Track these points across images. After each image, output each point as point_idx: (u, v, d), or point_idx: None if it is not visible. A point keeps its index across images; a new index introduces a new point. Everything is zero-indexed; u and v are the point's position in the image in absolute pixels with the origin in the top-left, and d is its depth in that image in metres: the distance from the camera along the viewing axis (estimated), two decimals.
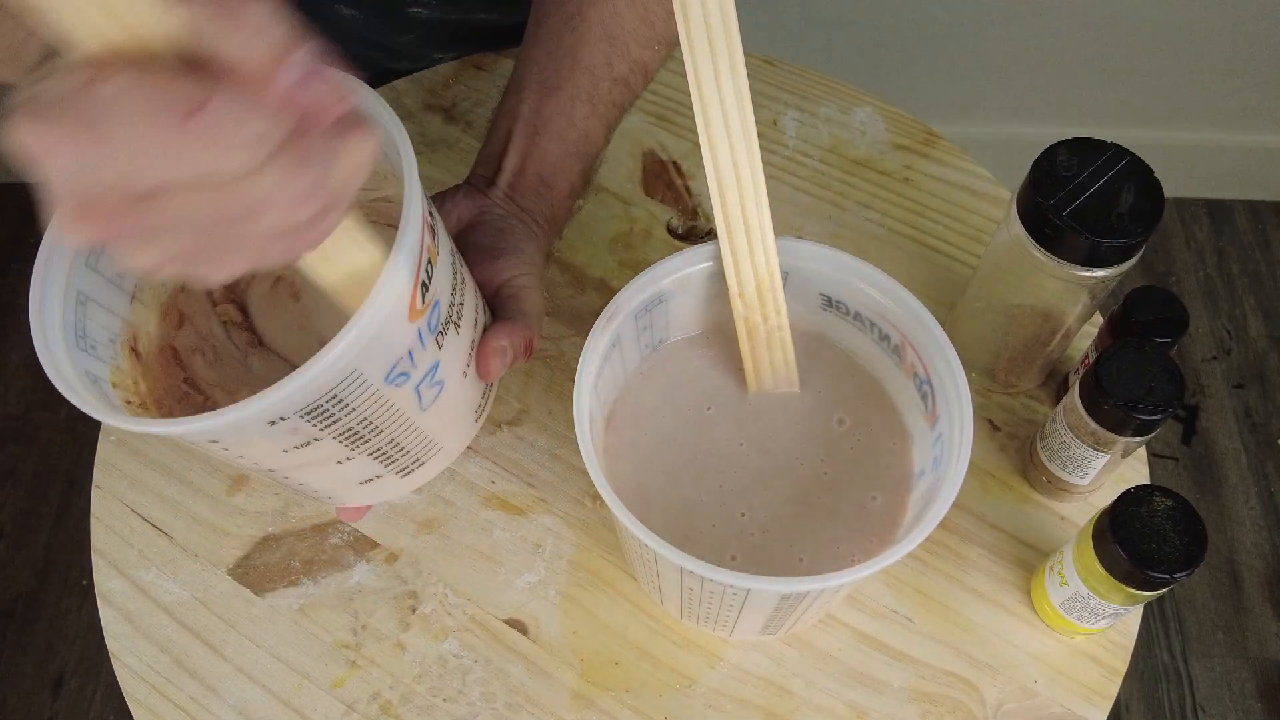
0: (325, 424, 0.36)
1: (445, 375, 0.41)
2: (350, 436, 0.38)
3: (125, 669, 0.52)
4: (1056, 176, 0.46)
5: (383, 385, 0.37)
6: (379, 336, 0.35)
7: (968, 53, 1.28)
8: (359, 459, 0.40)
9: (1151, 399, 0.46)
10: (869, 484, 0.46)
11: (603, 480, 0.39)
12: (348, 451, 0.39)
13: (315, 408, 0.35)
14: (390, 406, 0.38)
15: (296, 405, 0.34)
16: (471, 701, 0.51)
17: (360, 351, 0.34)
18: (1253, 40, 1.25)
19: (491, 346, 0.44)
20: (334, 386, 0.35)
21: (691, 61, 0.39)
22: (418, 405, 0.40)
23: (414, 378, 0.39)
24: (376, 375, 0.36)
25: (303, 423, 0.36)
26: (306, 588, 0.54)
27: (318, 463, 0.40)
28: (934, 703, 0.50)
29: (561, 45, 0.52)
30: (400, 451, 0.42)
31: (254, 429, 0.35)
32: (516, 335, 0.45)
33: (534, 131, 0.51)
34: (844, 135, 0.68)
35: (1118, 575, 0.45)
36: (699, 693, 0.51)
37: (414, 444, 0.42)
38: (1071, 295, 0.49)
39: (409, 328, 0.36)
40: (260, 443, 0.36)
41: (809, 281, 0.46)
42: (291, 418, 0.35)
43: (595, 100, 0.52)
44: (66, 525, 1.30)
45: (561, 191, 0.52)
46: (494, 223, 0.49)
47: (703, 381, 0.49)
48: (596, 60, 0.51)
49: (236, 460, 0.38)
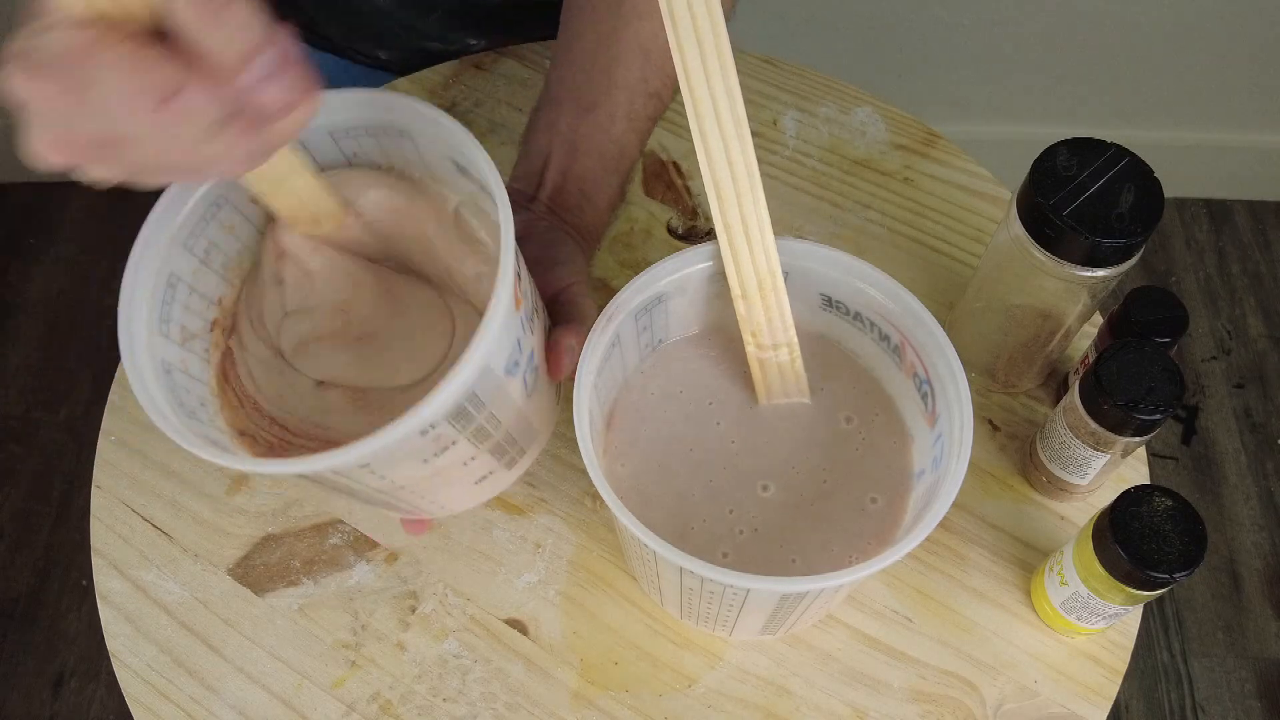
0: (463, 425, 0.38)
1: (539, 360, 0.43)
2: (479, 434, 0.39)
3: (125, 669, 0.52)
4: (1056, 176, 0.46)
5: (503, 376, 0.38)
6: (502, 328, 0.36)
7: (968, 53, 1.28)
8: (481, 456, 0.41)
9: (1151, 399, 0.46)
10: (869, 485, 0.46)
11: (603, 480, 0.39)
12: (474, 450, 0.40)
13: (458, 410, 0.36)
14: (508, 397, 0.40)
15: (447, 409, 0.35)
16: (471, 701, 0.51)
17: (492, 345, 0.35)
18: (1253, 40, 1.25)
19: (563, 345, 0.45)
20: (473, 383, 0.36)
21: (681, 63, 0.39)
22: (524, 392, 0.41)
23: (522, 365, 0.40)
24: (499, 367, 0.38)
25: (447, 427, 0.37)
26: (306, 588, 0.54)
27: (448, 468, 0.40)
28: (934, 703, 0.50)
29: (598, 63, 0.53)
30: (511, 443, 0.43)
31: (406, 443, 0.35)
32: (580, 335, 0.46)
33: (573, 149, 0.52)
34: (844, 135, 0.68)
35: (1118, 575, 0.45)
36: (699, 693, 0.51)
37: (521, 433, 0.44)
38: (1071, 295, 0.49)
39: (515, 316, 0.38)
40: (406, 458, 0.37)
41: (809, 281, 0.46)
42: (440, 423, 0.36)
43: (632, 116, 0.53)
44: (66, 525, 1.30)
45: (601, 205, 0.54)
46: (542, 235, 0.51)
47: (703, 381, 0.49)
48: (632, 77, 0.52)
49: (375, 484, 0.38)
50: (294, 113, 0.29)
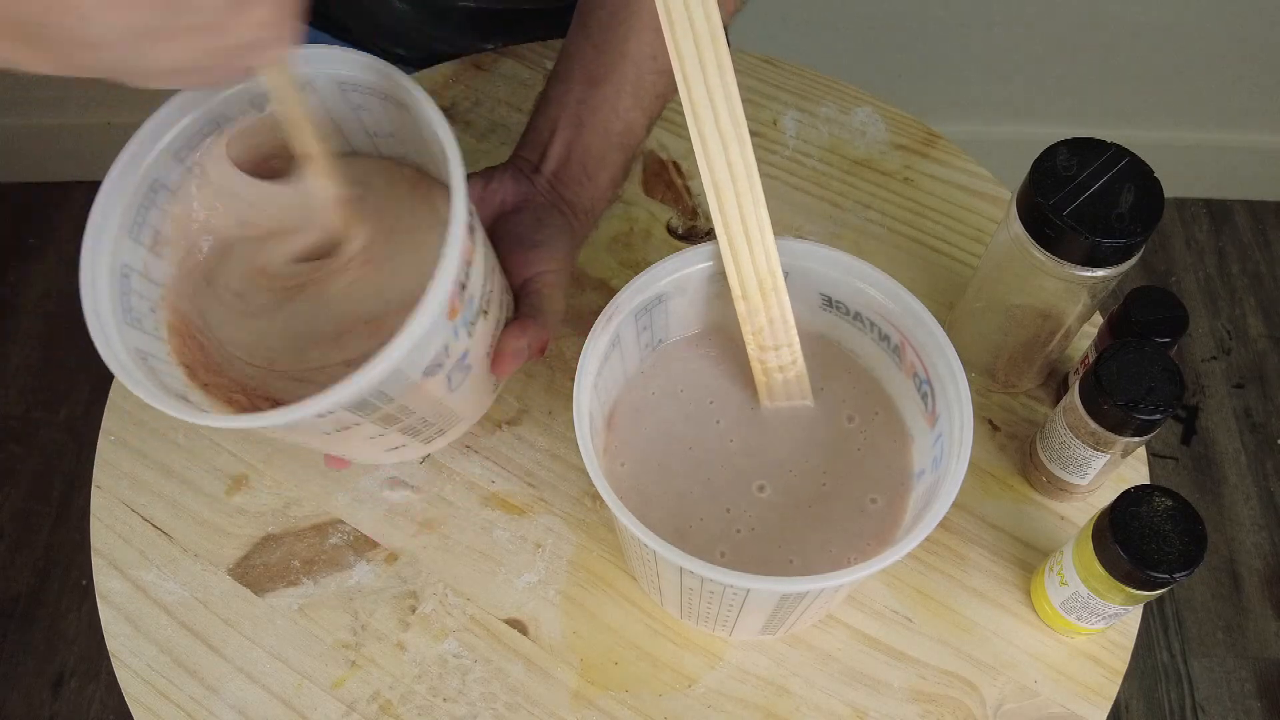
0: (366, 414, 0.39)
1: (473, 360, 0.43)
2: (386, 420, 0.40)
3: (125, 669, 0.52)
4: (1056, 176, 0.46)
5: (420, 378, 0.39)
6: (422, 339, 0.37)
7: (968, 53, 1.28)
8: (390, 434, 0.43)
9: (1151, 399, 0.46)
10: (869, 485, 0.46)
11: (603, 480, 0.39)
12: (381, 430, 0.42)
13: (360, 403, 0.37)
14: (424, 393, 0.40)
15: (344, 404, 0.37)
16: (471, 701, 0.51)
17: (403, 355, 0.36)
18: (1253, 40, 1.25)
19: (510, 347, 0.45)
20: (378, 384, 0.37)
21: (679, 64, 0.39)
22: (448, 389, 0.42)
23: (446, 367, 0.40)
24: (415, 372, 0.38)
25: (346, 414, 0.38)
26: (306, 588, 0.54)
27: (354, 439, 0.42)
28: (934, 703, 0.50)
29: (608, 39, 0.52)
30: (426, 425, 0.44)
31: (304, 421, 0.37)
32: (533, 334, 0.46)
33: (579, 123, 0.52)
34: (844, 135, 0.68)
35: (1118, 575, 0.45)
36: (699, 693, 0.51)
37: (439, 419, 0.44)
38: (1071, 295, 0.49)
39: (447, 325, 0.38)
40: (305, 430, 0.39)
41: (809, 281, 0.46)
42: (338, 412, 0.37)
43: (640, 93, 0.52)
44: (66, 525, 1.30)
45: (603, 183, 0.53)
46: (534, 212, 0.51)
47: (703, 381, 0.49)
48: (643, 53, 0.52)
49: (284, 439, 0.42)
50: None
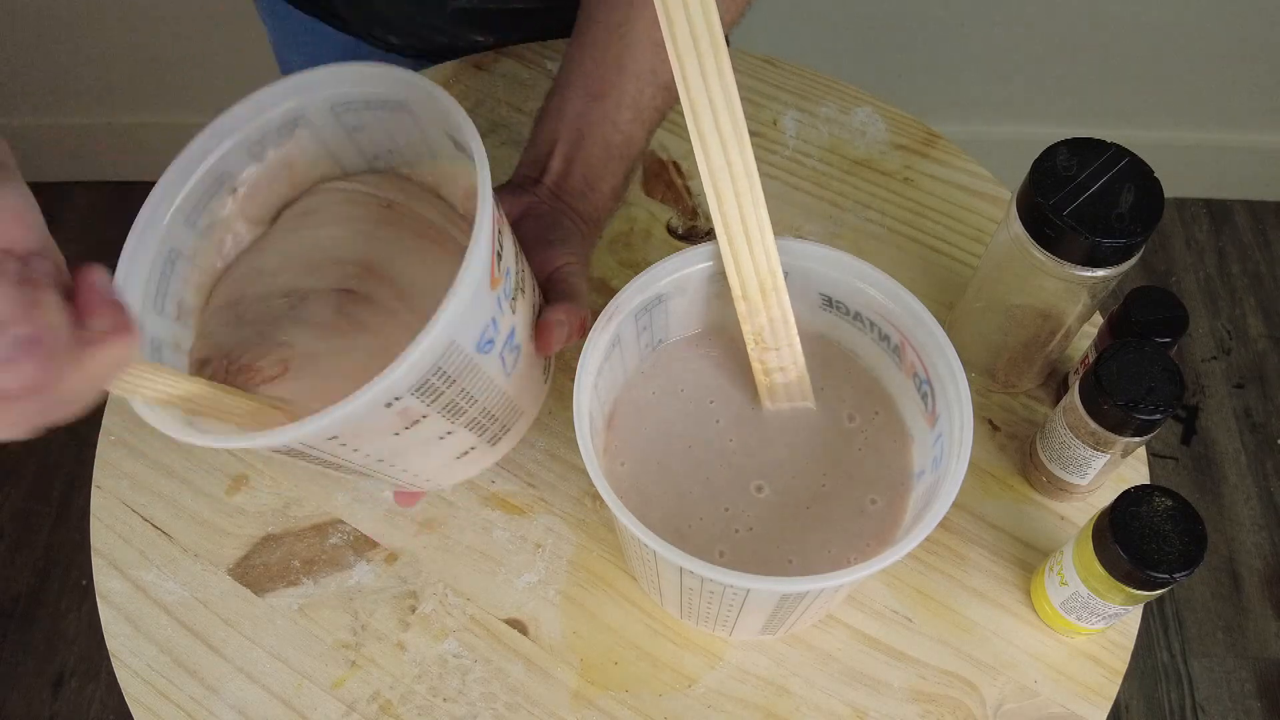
0: (431, 399, 0.38)
1: (520, 339, 0.43)
2: (451, 410, 0.40)
3: (125, 669, 0.52)
4: (1056, 176, 0.46)
5: (474, 353, 0.39)
6: (470, 306, 0.36)
7: (968, 53, 1.28)
8: (458, 431, 0.42)
9: (1151, 399, 0.46)
10: (869, 486, 0.46)
11: (603, 480, 0.39)
12: (449, 425, 0.41)
13: (424, 384, 0.37)
14: (482, 374, 0.40)
15: (410, 383, 0.36)
16: (471, 701, 0.51)
17: (457, 321, 0.36)
18: (1253, 40, 1.25)
19: (552, 320, 0.45)
20: (438, 359, 0.36)
21: (678, 64, 0.39)
22: (503, 371, 0.42)
23: (498, 344, 0.40)
24: (469, 344, 0.38)
25: (414, 400, 0.37)
26: (306, 588, 0.54)
27: (423, 442, 0.41)
28: (934, 703, 0.50)
29: (609, 52, 0.53)
30: (491, 420, 0.44)
31: (372, 415, 0.36)
32: (573, 313, 0.46)
33: (579, 136, 0.53)
34: (844, 135, 0.68)
35: (1118, 575, 0.45)
36: (699, 693, 0.51)
37: (501, 410, 0.44)
38: (1071, 295, 0.49)
39: (491, 295, 0.38)
40: (375, 429, 0.38)
41: (809, 281, 0.46)
42: (405, 396, 0.36)
43: (639, 106, 0.53)
44: (66, 525, 1.30)
45: (604, 193, 0.54)
46: (543, 216, 0.51)
47: (704, 380, 0.49)
48: (642, 67, 0.52)
49: (350, 457, 0.39)
50: (97, 354, 0.28)
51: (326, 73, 0.41)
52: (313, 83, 0.41)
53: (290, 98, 0.42)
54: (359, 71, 0.41)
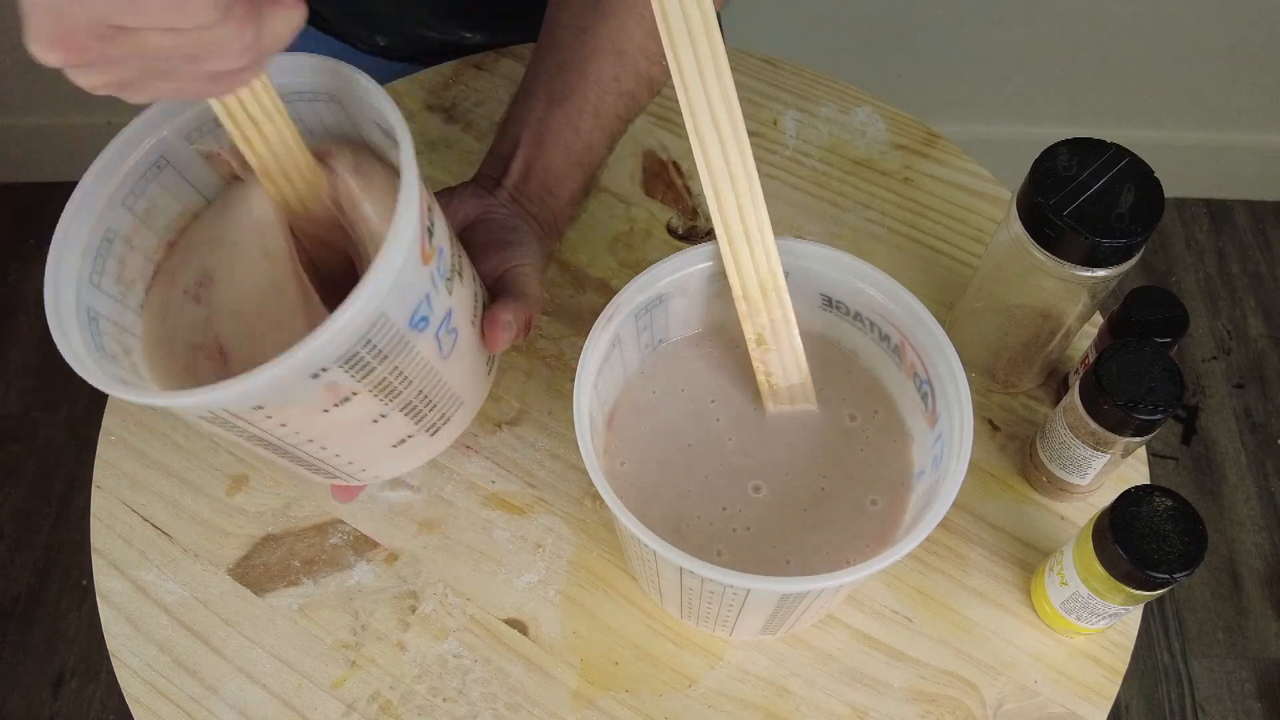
0: (362, 374, 0.38)
1: (459, 324, 0.42)
2: (384, 389, 0.39)
3: (125, 669, 0.52)
4: (1056, 176, 0.46)
5: (407, 329, 0.38)
6: (400, 278, 0.36)
7: (968, 53, 1.28)
8: (393, 415, 0.42)
9: (1151, 399, 0.46)
10: (869, 486, 0.46)
11: (603, 480, 0.39)
12: (382, 407, 0.40)
13: (352, 356, 0.36)
14: (416, 353, 0.40)
15: (337, 352, 0.35)
16: (471, 701, 0.51)
17: (387, 292, 0.35)
18: (1253, 40, 1.25)
19: (498, 319, 0.45)
20: (367, 331, 0.36)
21: (676, 65, 0.39)
22: (438, 352, 0.41)
23: (432, 323, 0.40)
24: (401, 319, 0.38)
25: (342, 374, 0.37)
26: (306, 588, 0.54)
27: (355, 424, 0.41)
28: (934, 703, 0.50)
29: (572, 58, 0.53)
30: (428, 405, 0.43)
31: (297, 385, 0.36)
32: (517, 310, 0.46)
33: (540, 140, 0.53)
34: (844, 135, 0.68)
35: (1118, 575, 0.45)
36: (699, 693, 0.51)
37: (439, 396, 0.44)
38: (1071, 295, 0.49)
39: (424, 270, 0.38)
40: (302, 404, 0.38)
41: (809, 281, 0.46)
42: (332, 368, 0.36)
43: (600, 113, 0.53)
44: (66, 525, 1.30)
45: (563, 199, 0.54)
46: (499, 220, 0.51)
47: (704, 380, 0.49)
48: (604, 74, 0.53)
49: (277, 431, 0.39)
50: (280, 13, 0.30)
51: (276, 62, 0.40)
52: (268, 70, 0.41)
53: None
54: (291, 61, 0.41)
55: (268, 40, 0.31)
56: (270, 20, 0.30)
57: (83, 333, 0.39)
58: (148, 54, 0.28)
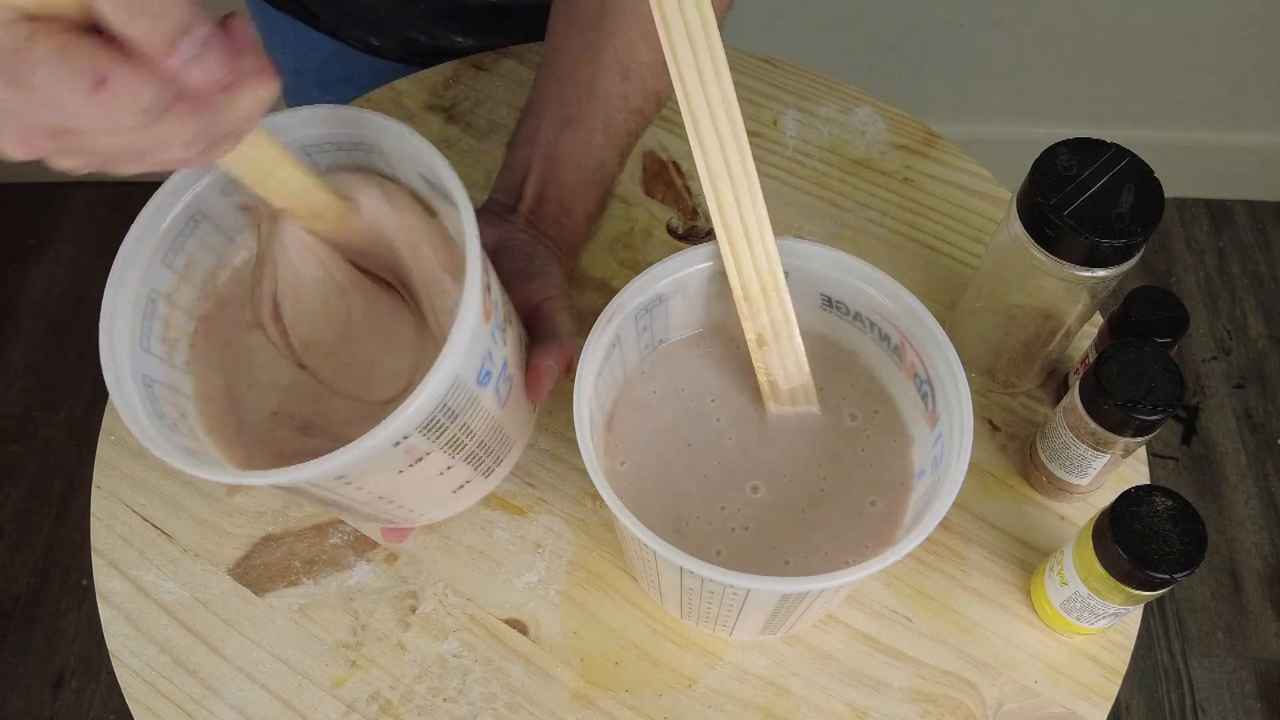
0: (436, 436, 0.38)
1: (512, 371, 0.43)
2: (452, 445, 0.40)
3: (125, 669, 0.52)
4: (1056, 176, 0.46)
5: (475, 387, 0.39)
6: (471, 339, 0.36)
7: (968, 53, 1.28)
8: (457, 466, 0.42)
9: (1151, 399, 0.46)
10: (869, 486, 0.46)
11: (603, 480, 0.39)
12: (449, 460, 0.41)
13: (431, 421, 0.37)
14: (481, 407, 0.40)
15: (419, 420, 0.36)
16: (471, 701, 0.51)
17: (461, 356, 0.36)
18: (1253, 40, 1.25)
19: (542, 368, 0.45)
20: (444, 396, 0.36)
21: (675, 67, 0.39)
22: (498, 402, 0.42)
23: (494, 375, 0.40)
24: (471, 377, 0.38)
25: (420, 439, 0.37)
26: (306, 588, 0.54)
27: (424, 479, 0.41)
28: (934, 703, 0.50)
29: (578, 77, 0.53)
30: (486, 452, 0.44)
31: (381, 454, 0.36)
32: (557, 354, 0.46)
33: (553, 162, 0.53)
34: (844, 135, 0.68)
35: (1118, 575, 0.45)
36: (699, 693, 0.51)
37: (496, 443, 0.44)
38: (1071, 295, 0.49)
39: (486, 327, 0.38)
40: (381, 469, 0.38)
41: (809, 281, 0.46)
42: (413, 435, 0.36)
43: (611, 130, 0.53)
44: (66, 525, 1.30)
45: (579, 218, 0.54)
46: (520, 248, 0.51)
47: (704, 380, 0.49)
48: (612, 92, 0.53)
49: (352, 495, 0.39)
50: (244, 94, 0.30)
51: (297, 116, 0.40)
52: (282, 126, 0.40)
53: None
54: (329, 114, 0.41)
55: (230, 122, 0.30)
56: (234, 100, 0.30)
57: (143, 403, 0.38)
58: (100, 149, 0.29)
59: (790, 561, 0.44)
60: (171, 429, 0.39)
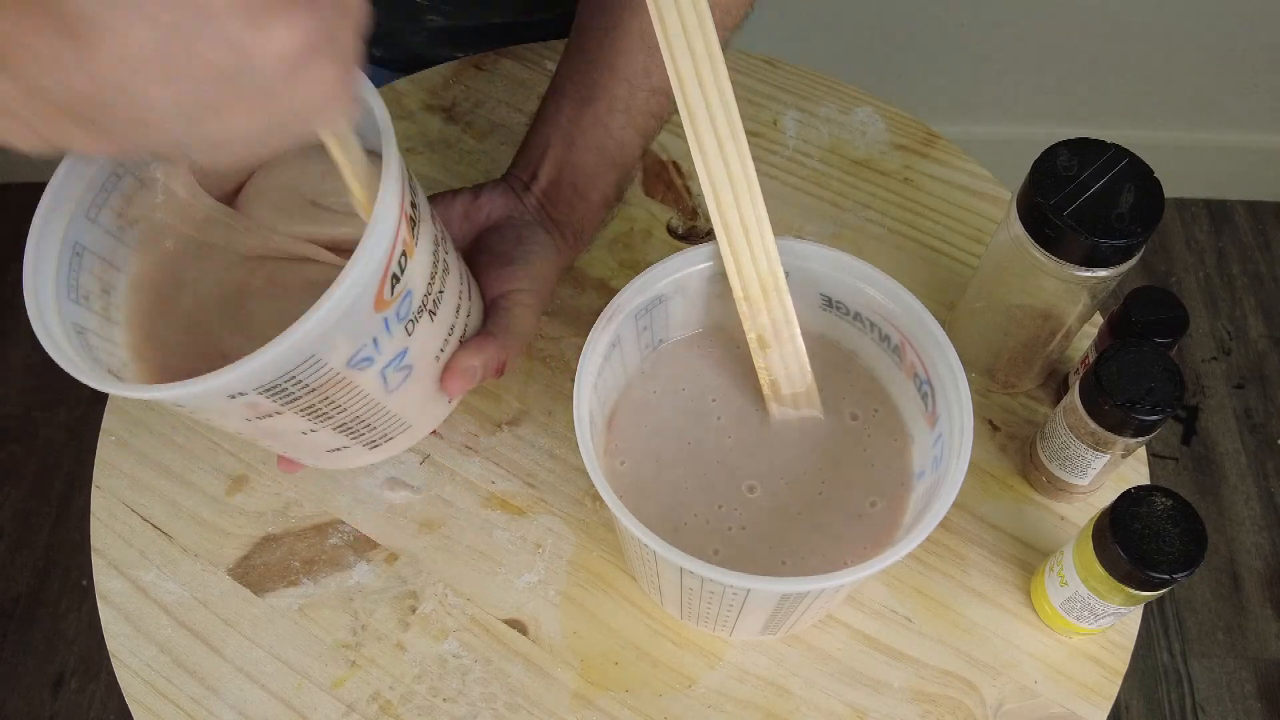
0: (284, 401, 0.38)
1: (415, 360, 0.42)
2: (311, 412, 0.39)
3: (125, 669, 0.52)
4: (1056, 176, 0.46)
5: (344, 369, 0.38)
6: (340, 325, 0.36)
7: (968, 53, 1.28)
8: (323, 432, 0.42)
9: (1151, 399, 0.46)
10: (869, 486, 0.46)
11: (603, 480, 0.39)
12: (310, 425, 0.40)
13: (273, 386, 0.36)
14: (353, 388, 0.39)
15: (254, 384, 0.36)
16: (471, 701, 0.51)
17: (318, 339, 0.35)
18: (1253, 40, 1.25)
19: (460, 365, 0.44)
20: (292, 369, 0.36)
21: (674, 67, 0.39)
22: (383, 387, 0.41)
23: (378, 363, 0.39)
24: (338, 360, 0.37)
25: (261, 399, 0.37)
26: (306, 588, 0.54)
27: (282, 433, 0.41)
28: (934, 703, 0.50)
29: (600, 55, 0.52)
30: (366, 427, 0.43)
31: (215, 401, 0.36)
32: (490, 354, 0.45)
33: (570, 141, 0.52)
34: (844, 135, 0.68)
35: (1118, 575, 0.45)
36: (699, 693, 0.51)
37: (380, 421, 0.43)
38: (1071, 295, 0.49)
39: (375, 317, 0.37)
40: (224, 412, 0.38)
41: (809, 282, 0.46)
42: (250, 394, 0.36)
43: (632, 110, 0.52)
44: (66, 525, 1.30)
45: (594, 202, 0.53)
46: (518, 229, 0.50)
47: (704, 379, 0.49)
48: (635, 70, 0.52)
49: (208, 422, 0.40)
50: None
51: None
52: None
53: None
54: None
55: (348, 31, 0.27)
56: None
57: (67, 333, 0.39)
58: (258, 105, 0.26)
59: (788, 562, 0.44)
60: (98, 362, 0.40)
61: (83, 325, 0.40)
